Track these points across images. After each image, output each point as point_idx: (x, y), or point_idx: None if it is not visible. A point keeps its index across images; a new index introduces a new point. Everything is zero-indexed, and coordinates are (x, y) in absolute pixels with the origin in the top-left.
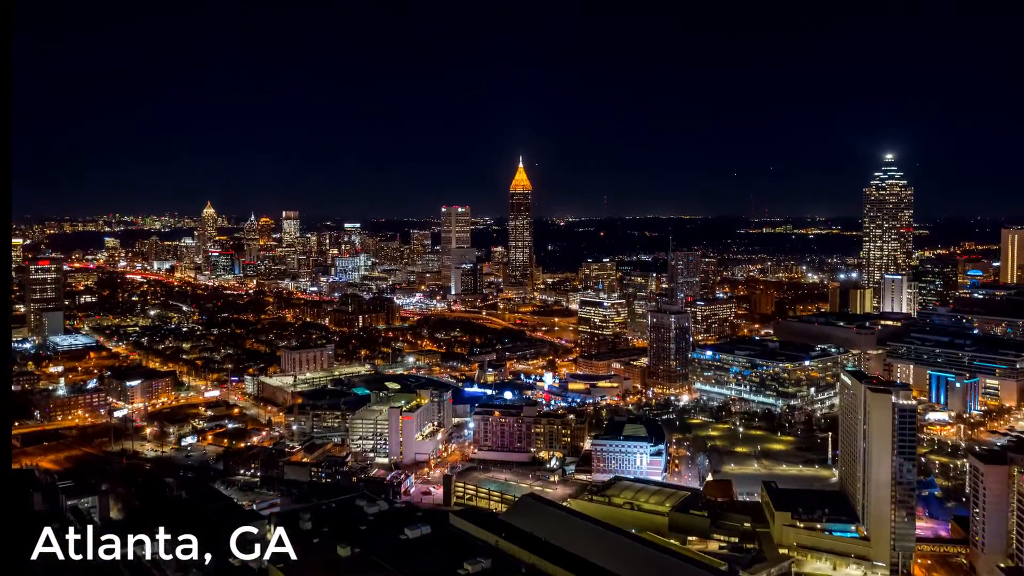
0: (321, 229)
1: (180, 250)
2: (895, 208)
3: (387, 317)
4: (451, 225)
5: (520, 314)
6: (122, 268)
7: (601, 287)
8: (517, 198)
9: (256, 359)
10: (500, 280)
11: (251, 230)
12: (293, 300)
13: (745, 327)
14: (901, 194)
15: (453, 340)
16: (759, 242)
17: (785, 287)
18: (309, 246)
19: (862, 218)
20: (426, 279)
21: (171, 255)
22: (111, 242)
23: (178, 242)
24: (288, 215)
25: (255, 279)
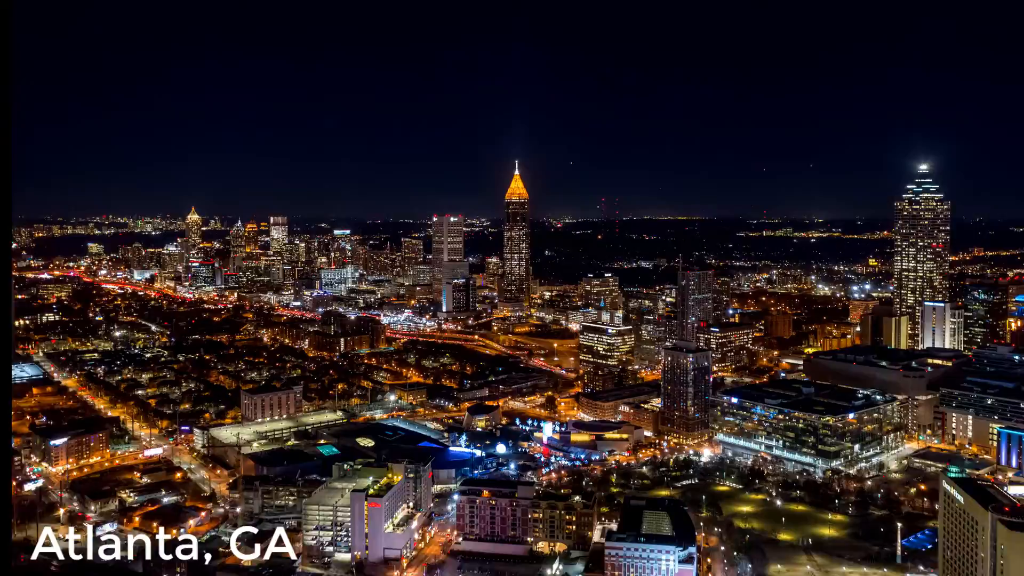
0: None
1: (163, 258)
2: (931, 225)
3: (371, 339)
4: (443, 235)
5: (516, 335)
6: (102, 277)
7: (603, 305)
8: (513, 207)
9: (218, 398)
10: (495, 294)
11: (238, 236)
12: (273, 317)
13: (763, 355)
14: (937, 209)
15: (441, 369)
16: (760, 246)
17: (796, 301)
18: (297, 253)
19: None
20: (416, 292)
21: (154, 262)
22: (95, 248)
23: (162, 249)
24: (276, 220)
25: (236, 291)
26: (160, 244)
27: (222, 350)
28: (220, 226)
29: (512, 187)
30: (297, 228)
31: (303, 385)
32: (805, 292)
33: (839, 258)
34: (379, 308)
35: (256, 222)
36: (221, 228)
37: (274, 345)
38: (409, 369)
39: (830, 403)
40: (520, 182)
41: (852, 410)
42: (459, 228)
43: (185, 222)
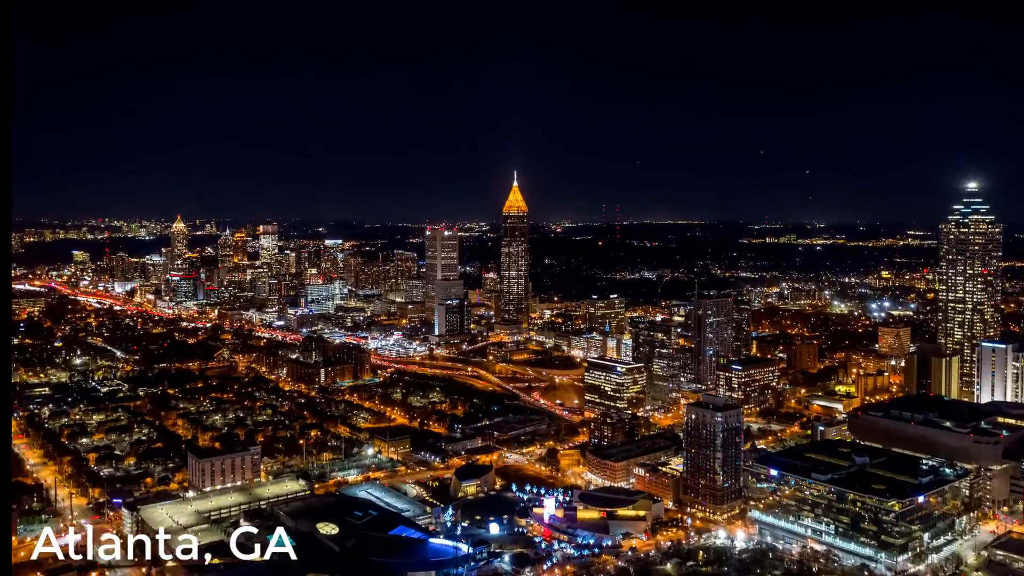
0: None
1: (148, 268)
2: (982, 251)
3: (355, 369)
4: (436, 249)
5: (514, 364)
6: (82, 288)
7: (608, 329)
8: (511, 221)
9: (169, 451)
10: (491, 313)
11: (226, 245)
12: (252, 340)
13: (790, 395)
14: (989, 232)
15: (430, 408)
16: (765, 254)
17: (812, 320)
18: (286, 264)
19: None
20: (408, 311)
21: (138, 273)
22: (80, 256)
23: (146, 259)
24: (266, 229)
25: (218, 308)
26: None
27: (189, 382)
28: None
29: (510, 200)
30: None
31: (272, 434)
32: (820, 309)
33: (848, 268)
34: (367, 328)
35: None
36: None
37: (248, 375)
38: (394, 408)
39: (891, 479)
40: (519, 194)
41: (921, 491)
42: (453, 242)
43: (172, 230)
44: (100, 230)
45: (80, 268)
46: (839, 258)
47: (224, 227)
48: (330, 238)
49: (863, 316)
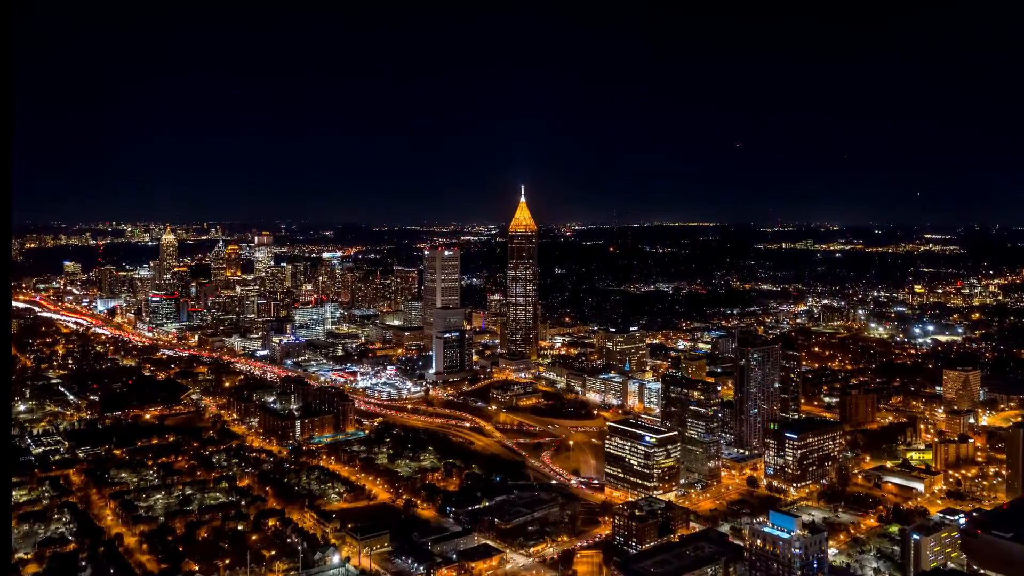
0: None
1: (135, 283)
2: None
3: (337, 420)
4: (436, 271)
5: (520, 413)
6: (66, 304)
7: (629, 368)
8: (518, 241)
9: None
10: (497, 341)
11: (219, 257)
12: (227, 379)
13: (854, 466)
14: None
15: (419, 480)
16: (782, 262)
17: (851, 347)
18: (282, 277)
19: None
20: (405, 339)
21: (126, 287)
22: (71, 266)
23: (134, 272)
24: (261, 240)
25: (199, 333)
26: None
27: (143, 436)
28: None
29: (517, 217)
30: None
31: (220, 526)
32: (856, 333)
33: (874, 279)
34: (359, 360)
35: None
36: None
37: (214, 426)
38: (376, 478)
39: None
40: (526, 211)
41: None
42: (454, 262)
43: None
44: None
45: (70, 280)
46: (862, 267)
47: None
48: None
49: (907, 343)
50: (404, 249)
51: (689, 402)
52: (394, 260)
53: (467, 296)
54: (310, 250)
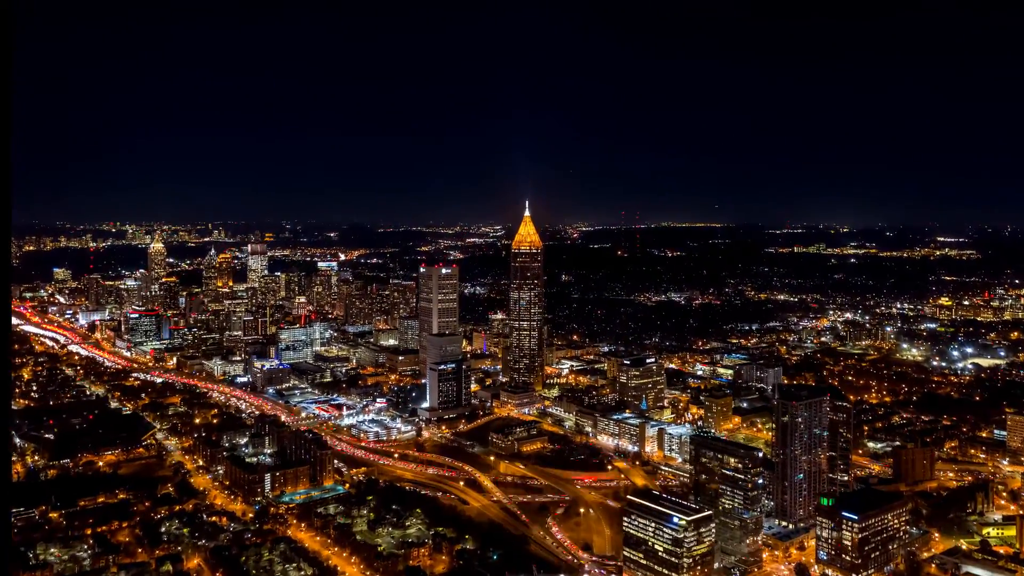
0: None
1: (122, 293)
2: None
3: (313, 471)
4: (431, 291)
5: (522, 462)
6: (49, 317)
7: (645, 406)
8: (522, 259)
9: None
10: (498, 368)
11: (210, 266)
12: (199, 414)
13: (921, 548)
14: None
15: (400, 556)
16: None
17: (884, 372)
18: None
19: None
20: (398, 364)
21: (112, 297)
22: (61, 273)
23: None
24: (255, 248)
25: (178, 354)
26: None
27: (88, 494)
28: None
29: (521, 233)
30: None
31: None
32: (887, 354)
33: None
34: (348, 387)
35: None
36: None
37: (174, 478)
38: (350, 555)
39: None
40: (531, 226)
41: None
42: (452, 281)
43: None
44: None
45: (59, 288)
46: (880, 274)
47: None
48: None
49: (945, 368)
50: (408, 252)
51: (724, 468)
52: (396, 266)
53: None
54: (312, 253)
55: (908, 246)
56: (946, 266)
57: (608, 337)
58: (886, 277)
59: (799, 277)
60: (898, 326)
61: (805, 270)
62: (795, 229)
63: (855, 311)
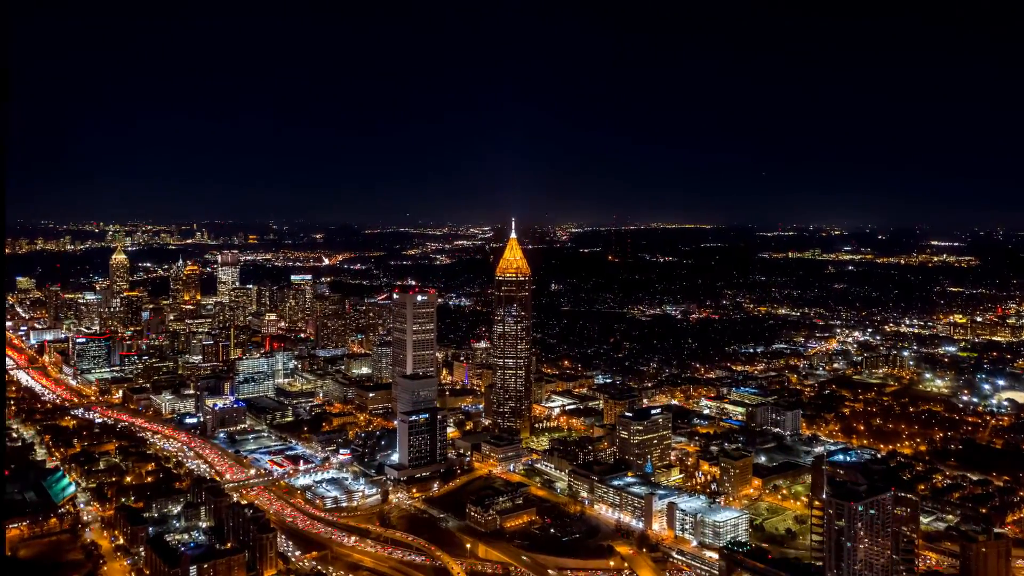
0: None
1: (80, 309)
2: None
3: (253, 559)
4: (407, 319)
5: (504, 544)
6: None
7: (650, 468)
8: (508, 288)
9: None
10: (480, 407)
11: (177, 278)
12: (138, 463)
13: None
14: None
15: None
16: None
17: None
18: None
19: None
20: (369, 402)
21: (72, 312)
22: (24, 282)
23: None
24: (225, 258)
25: (126, 386)
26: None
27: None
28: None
29: (507, 258)
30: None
31: None
32: (908, 386)
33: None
34: (310, 430)
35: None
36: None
37: (83, 568)
38: None
39: None
40: (518, 251)
41: None
42: (429, 309)
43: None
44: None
45: (21, 298)
46: (880, 284)
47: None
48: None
49: (979, 406)
50: (394, 255)
51: None
52: (380, 272)
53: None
54: (295, 257)
55: (903, 251)
56: (947, 274)
57: (602, 363)
58: (888, 287)
59: (798, 287)
60: (914, 349)
61: (803, 279)
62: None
63: (864, 329)
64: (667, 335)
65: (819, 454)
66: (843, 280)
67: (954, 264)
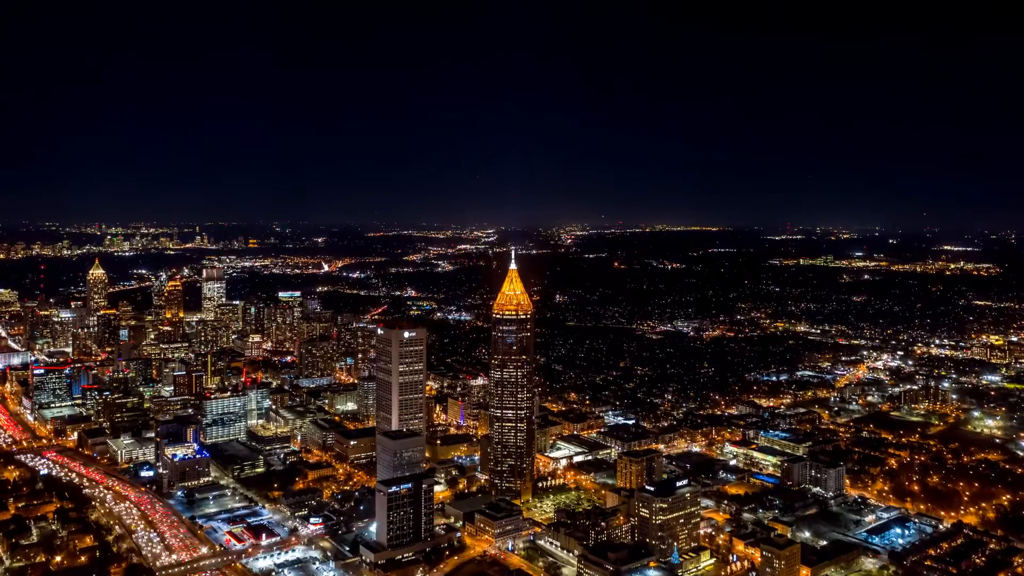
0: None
1: (55, 328)
2: None
3: None
4: (390, 360)
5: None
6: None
7: (676, 558)
8: (506, 328)
9: None
10: (476, 458)
11: (159, 293)
12: (75, 534)
13: None
14: None
15: None
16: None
17: (968, 465)
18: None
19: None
20: (350, 450)
21: (47, 330)
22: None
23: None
24: (210, 272)
25: (82, 427)
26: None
27: None
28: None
29: (506, 291)
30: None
31: None
32: (954, 426)
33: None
34: (281, 486)
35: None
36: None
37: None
38: None
39: None
40: (519, 284)
41: None
42: (418, 347)
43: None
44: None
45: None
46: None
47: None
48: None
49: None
50: (395, 261)
51: None
52: (379, 282)
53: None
54: (295, 263)
55: (917, 257)
56: (967, 284)
57: (612, 396)
58: (909, 299)
59: (815, 300)
60: (953, 378)
61: (818, 289)
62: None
63: (892, 352)
64: (681, 357)
65: (874, 527)
66: (860, 291)
67: (973, 272)
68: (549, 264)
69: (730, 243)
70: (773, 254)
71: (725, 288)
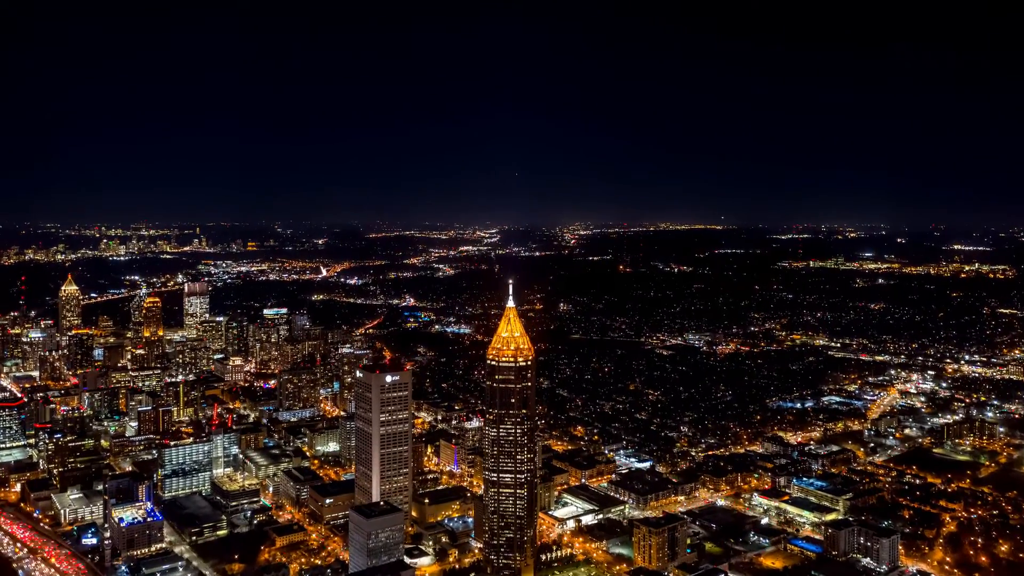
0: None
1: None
2: None
3: None
4: (370, 408)
5: None
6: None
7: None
8: (503, 376)
9: None
10: (470, 520)
11: (137, 308)
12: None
13: None
14: None
15: None
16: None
17: None
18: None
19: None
20: (325, 509)
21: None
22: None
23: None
24: (192, 288)
25: (26, 477)
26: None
27: None
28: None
29: (501, 335)
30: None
31: None
32: (1009, 469)
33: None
34: (243, 557)
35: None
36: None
37: None
38: None
39: None
40: (518, 325)
41: None
42: (403, 392)
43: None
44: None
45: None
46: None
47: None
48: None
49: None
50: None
51: None
52: (377, 289)
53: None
54: (292, 267)
55: (929, 258)
56: (986, 289)
57: (622, 428)
58: (929, 306)
59: (831, 308)
60: (995, 404)
61: (832, 294)
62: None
63: (922, 371)
64: (694, 378)
65: None
66: (876, 297)
67: (988, 275)
68: (553, 268)
69: (736, 243)
70: (781, 255)
71: (736, 295)
